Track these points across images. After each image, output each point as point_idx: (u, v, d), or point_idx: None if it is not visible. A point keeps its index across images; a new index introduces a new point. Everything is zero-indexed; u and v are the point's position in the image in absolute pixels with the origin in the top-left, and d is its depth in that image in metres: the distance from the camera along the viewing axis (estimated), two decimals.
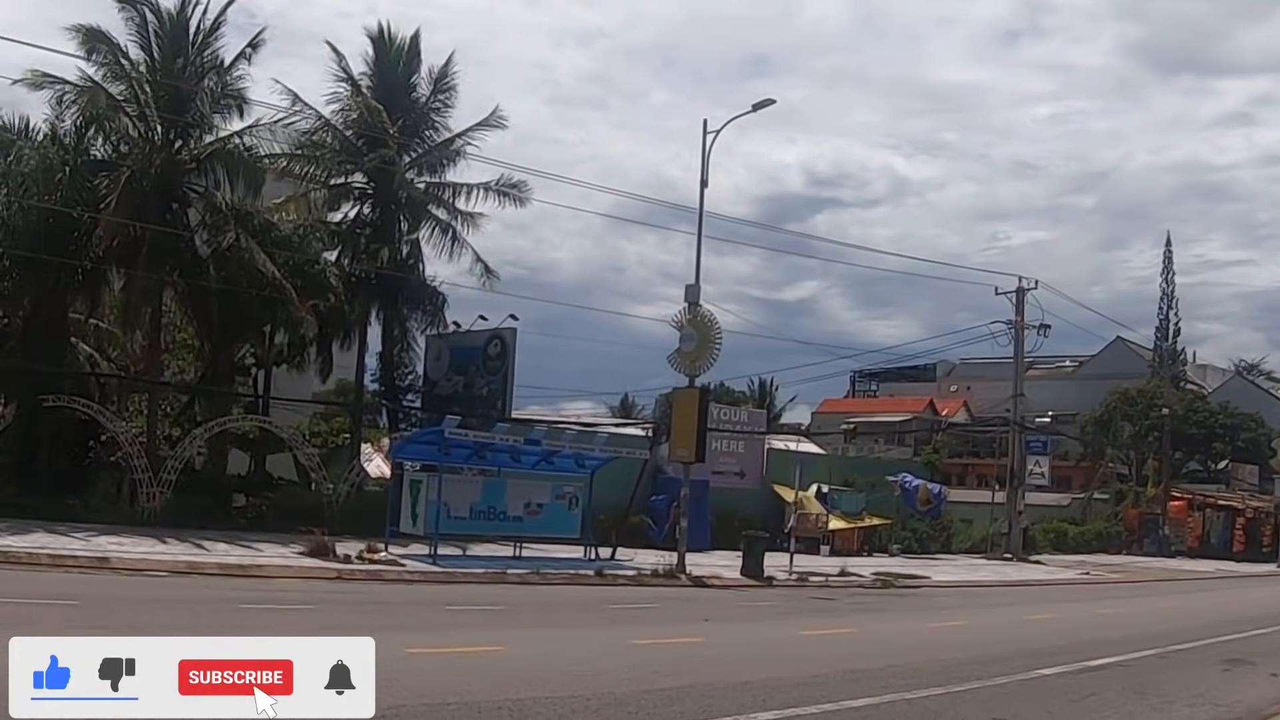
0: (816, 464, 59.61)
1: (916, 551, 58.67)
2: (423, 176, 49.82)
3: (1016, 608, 34.37)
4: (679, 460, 39.19)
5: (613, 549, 40.18)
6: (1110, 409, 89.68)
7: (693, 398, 38.76)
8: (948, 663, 19.25)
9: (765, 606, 30.14)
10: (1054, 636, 25.21)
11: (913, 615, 29.99)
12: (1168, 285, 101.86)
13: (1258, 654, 23.57)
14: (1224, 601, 41.12)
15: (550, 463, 40.11)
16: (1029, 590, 43.63)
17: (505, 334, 48.11)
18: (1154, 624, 30.30)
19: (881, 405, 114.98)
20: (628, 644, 19.33)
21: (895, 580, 40.86)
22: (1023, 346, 62.75)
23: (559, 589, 31.35)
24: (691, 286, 39.98)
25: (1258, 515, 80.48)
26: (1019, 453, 64.05)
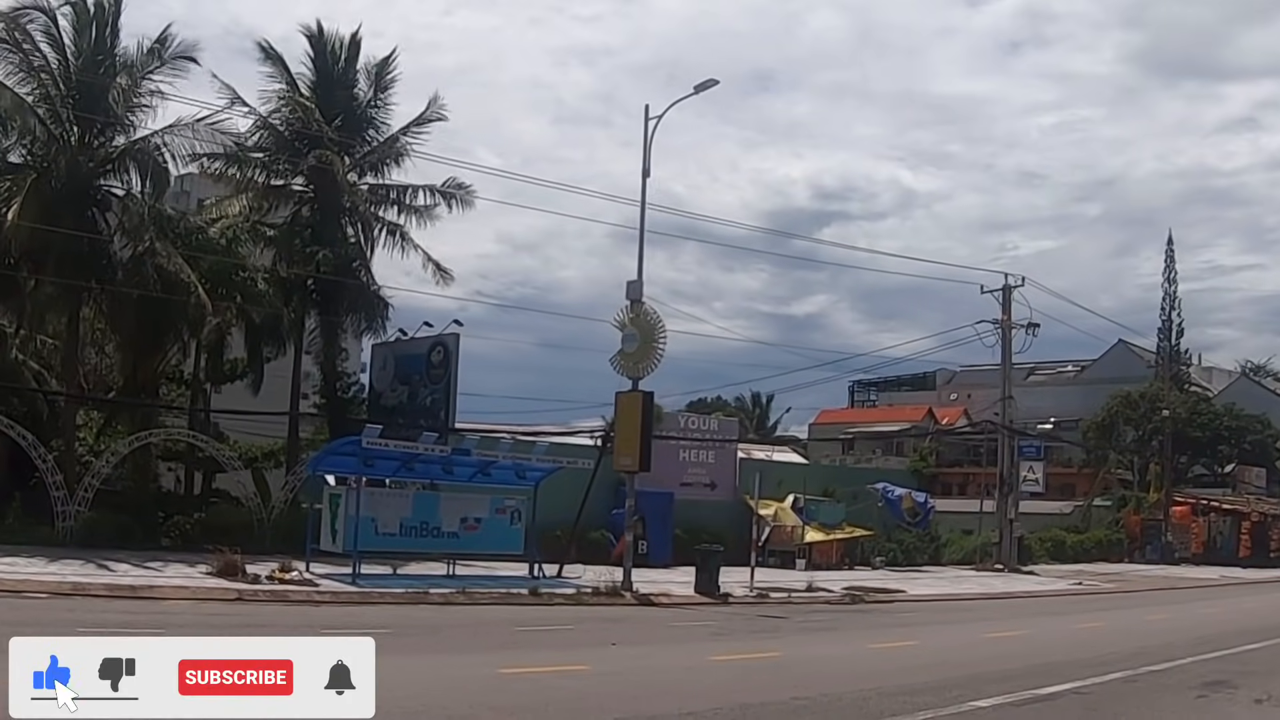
0: (793, 474, 56.85)
1: (902, 564, 55.66)
2: (365, 178, 47.21)
3: (986, 623, 31.40)
4: (622, 469, 36.42)
5: (559, 566, 37.76)
6: (1112, 413, 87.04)
7: (635, 402, 35.81)
8: (868, 692, 16.49)
9: (699, 627, 27.28)
10: (1013, 658, 22.15)
11: (861, 635, 26.90)
12: (1170, 285, 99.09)
13: (1244, 674, 20.54)
14: (1219, 612, 38.22)
15: (488, 474, 37.63)
16: (1011, 603, 40.83)
17: (448, 340, 45.32)
18: (1134, 640, 27.18)
19: (880, 415, 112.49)
20: (495, 673, 16.75)
21: (866, 595, 38.27)
22: (1010, 346, 59.54)
23: (481, 609, 28.80)
24: (633, 283, 37.11)
25: (1265, 519, 78.01)
26: (1009, 458, 60.92)
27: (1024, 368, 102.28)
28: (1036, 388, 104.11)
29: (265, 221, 46.42)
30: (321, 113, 44.90)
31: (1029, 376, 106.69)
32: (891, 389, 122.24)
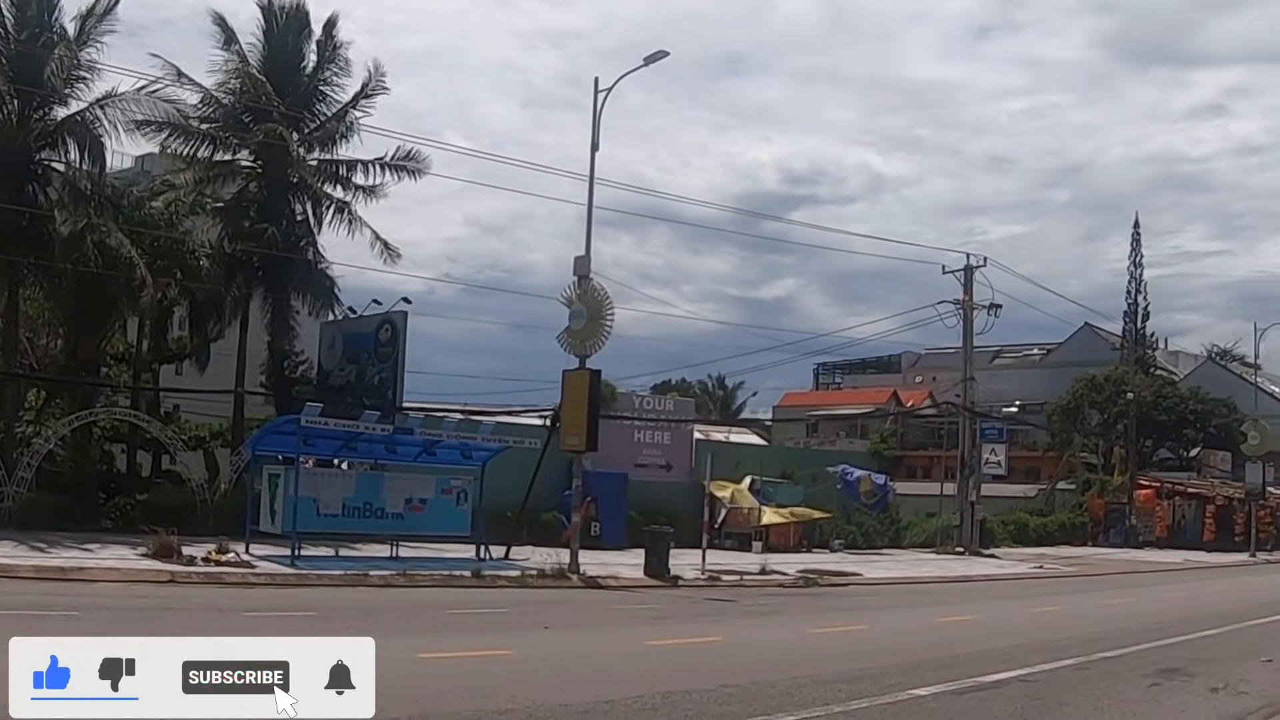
0: (751, 455, 56.07)
1: (862, 547, 54.84)
2: (314, 153, 46.12)
3: (940, 607, 30.46)
4: (569, 449, 35.42)
5: (507, 548, 36.99)
6: (1077, 396, 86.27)
7: (583, 380, 34.85)
8: (803, 680, 15.67)
9: (642, 611, 26.45)
10: (962, 643, 21.33)
11: (808, 619, 26.00)
12: (1136, 269, 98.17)
13: (1201, 661, 19.79)
14: (1180, 596, 37.54)
15: (433, 454, 36.82)
16: (969, 587, 40.00)
17: (395, 318, 44.44)
18: (1090, 625, 26.37)
19: (844, 398, 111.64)
20: (413, 657, 15.65)
21: (820, 578, 37.37)
22: (971, 327, 58.80)
23: (421, 592, 27.97)
24: (580, 259, 36.11)
25: (1229, 503, 77.13)
26: (970, 440, 60.27)
27: (989, 350, 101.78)
28: (1002, 371, 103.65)
29: (212, 197, 45.27)
30: (272, 86, 43.82)
31: (994, 359, 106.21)
32: (856, 372, 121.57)
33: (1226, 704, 15.65)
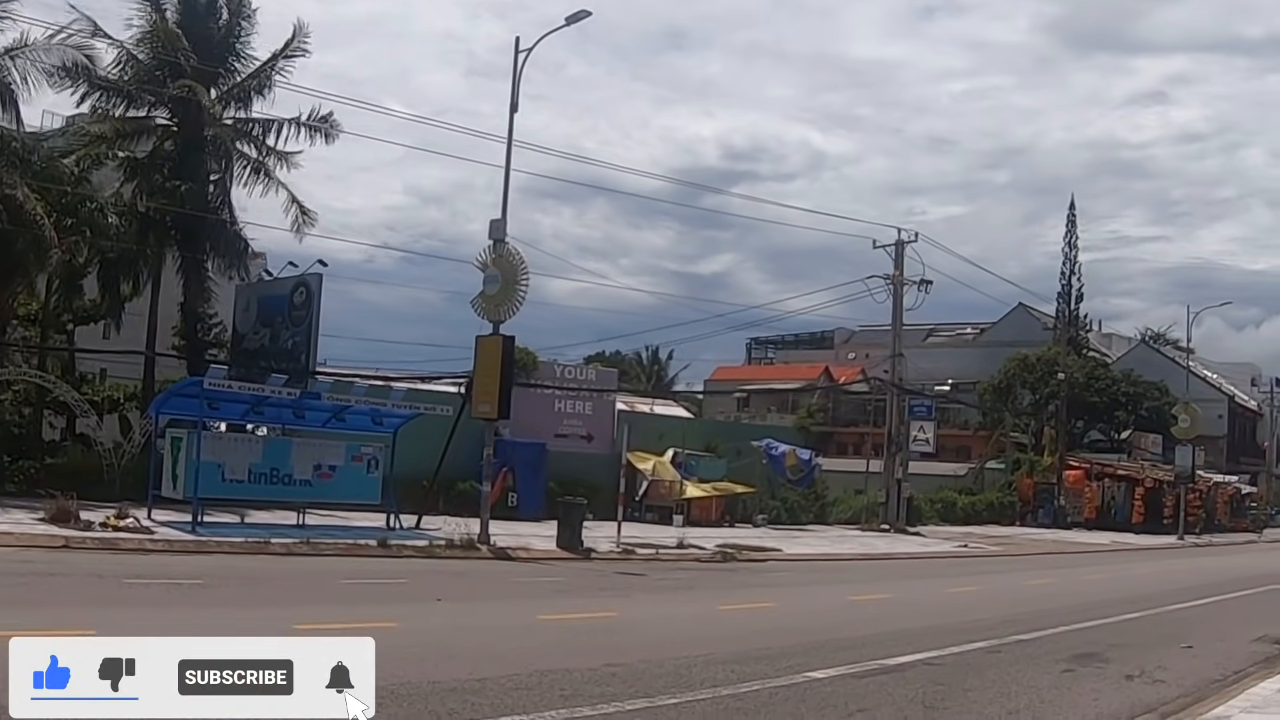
0: (675, 427, 55.12)
1: (786, 523, 54.30)
2: (230, 111, 44.80)
3: (855, 585, 29.77)
4: (481, 416, 34.36)
5: (418, 517, 36.09)
6: (1009, 376, 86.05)
7: (496, 346, 33.85)
8: (695, 659, 14.91)
9: (546, 583, 25.52)
10: (871, 622, 20.62)
11: (716, 595, 25.15)
12: (1071, 250, 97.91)
13: (1119, 645, 19.09)
14: (1103, 578, 36.99)
15: (343, 420, 35.99)
16: (889, 565, 39.37)
17: (310, 280, 43.03)
18: (1007, 606, 25.75)
19: (776, 373, 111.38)
20: (288, 629, 14.45)
21: (738, 553, 36.58)
22: (901, 302, 58.22)
23: (322, 561, 26.98)
24: (496, 222, 35.14)
25: (1158, 486, 77.54)
26: (897, 417, 59.70)
27: (922, 329, 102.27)
28: (935, 349, 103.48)
29: (126, 154, 43.93)
30: (188, 42, 42.38)
31: (928, 338, 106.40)
32: (790, 347, 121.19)
33: (1141, 693, 14.88)
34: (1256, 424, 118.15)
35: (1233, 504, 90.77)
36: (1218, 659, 18.25)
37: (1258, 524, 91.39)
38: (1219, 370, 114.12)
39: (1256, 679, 16.02)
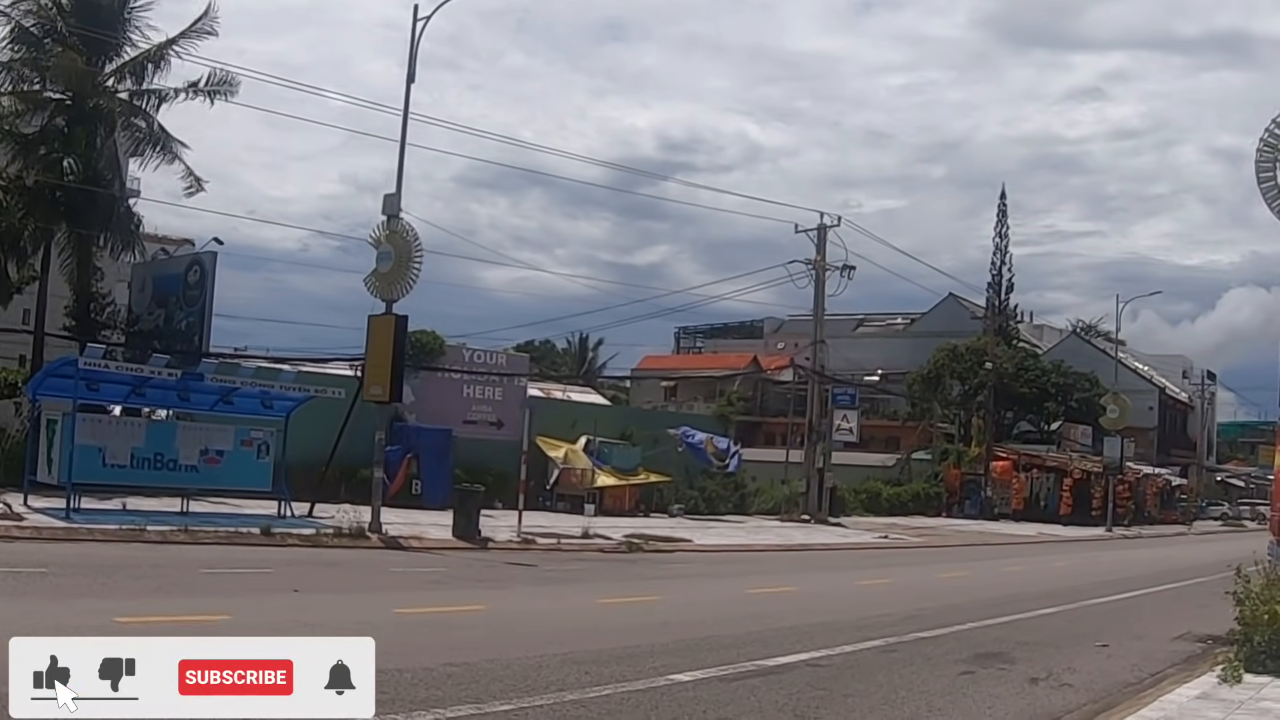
0: (588, 414, 53.44)
1: (704, 512, 52.84)
2: (125, 84, 42.92)
3: (760, 577, 28.32)
4: (372, 399, 32.68)
5: (311, 505, 34.36)
6: (938, 366, 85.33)
7: (388, 326, 32.16)
8: (551, 658, 13.47)
9: (423, 575, 23.91)
10: (764, 618, 19.00)
11: (602, 588, 23.50)
12: (1002, 240, 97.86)
13: (1028, 645, 17.69)
14: (1023, 571, 35.84)
15: (230, 403, 34.08)
16: (802, 556, 37.98)
17: (205, 259, 41.59)
18: (915, 600, 24.22)
19: (704, 362, 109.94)
20: (109, 621, 13.64)
21: (645, 544, 35.14)
22: (823, 287, 56.92)
23: (197, 550, 25.20)
24: (390, 196, 33.44)
25: (1086, 476, 77.37)
26: (819, 406, 58.41)
27: (853, 319, 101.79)
28: (865, 339, 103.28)
29: (14, 127, 41.99)
30: (80, 15, 40.58)
31: (858, 328, 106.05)
32: (718, 336, 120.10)
33: (1044, 699, 13.45)
34: (1188, 416, 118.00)
35: (1163, 496, 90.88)
36: (1134, 659, 16.90)
37: (1188, 516, 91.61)
38: (1150, 362, 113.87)
39: (1173, 683, 14.59)
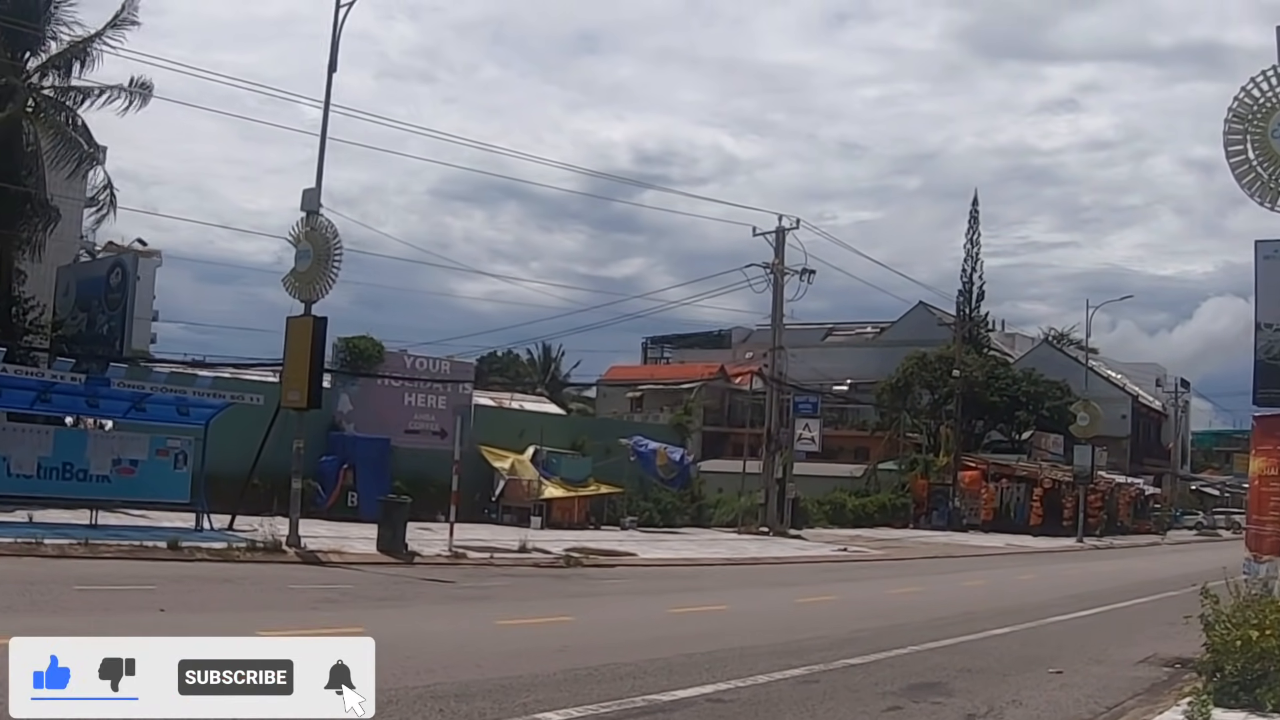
0: (535, 423, 51.54)
1: (659, 525, 51.31)
2: (48, 80, 41.08)
3: (694, 594, 26.55)
4: (290, 405, 30.78)
5: (231, 517, 32.37)
6: (907, 374, 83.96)
7: (306, 328, 30.28)
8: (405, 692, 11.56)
9: (318, 591, 21.84)
10: (679, 642, 17.00)
11: (511, 607, 21.37)
12: (973, 247, 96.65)
13: (970, 671, 15.85)
14: (983, 584, 34.15)
15: (142, 410, 32.38)
16: (750, 570, 36.24)
17: (126, 261, 39.85)
18: (856, 620, 22.31)
19: (671, 372, 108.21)
20: None
21: (585, 558, 33.48)
22: (781, 291, 55.18)
23: (92, 564, 23.46)
24: (310, 192, 31.64)
25: (1057, 486, 76.44)
26: (777, 414, 56.68)
27: (821, 328, 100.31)
28: (834, 348, 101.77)
29: None
30: None
31: (826, 337, 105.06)
32: (686, 346, 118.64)
33: None
34: (1161, 425, 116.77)
35: (1136, 505, 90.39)
36: (1090, 689, 15.03)
37: (1161, 526, 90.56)
38: (1123, 370, 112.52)
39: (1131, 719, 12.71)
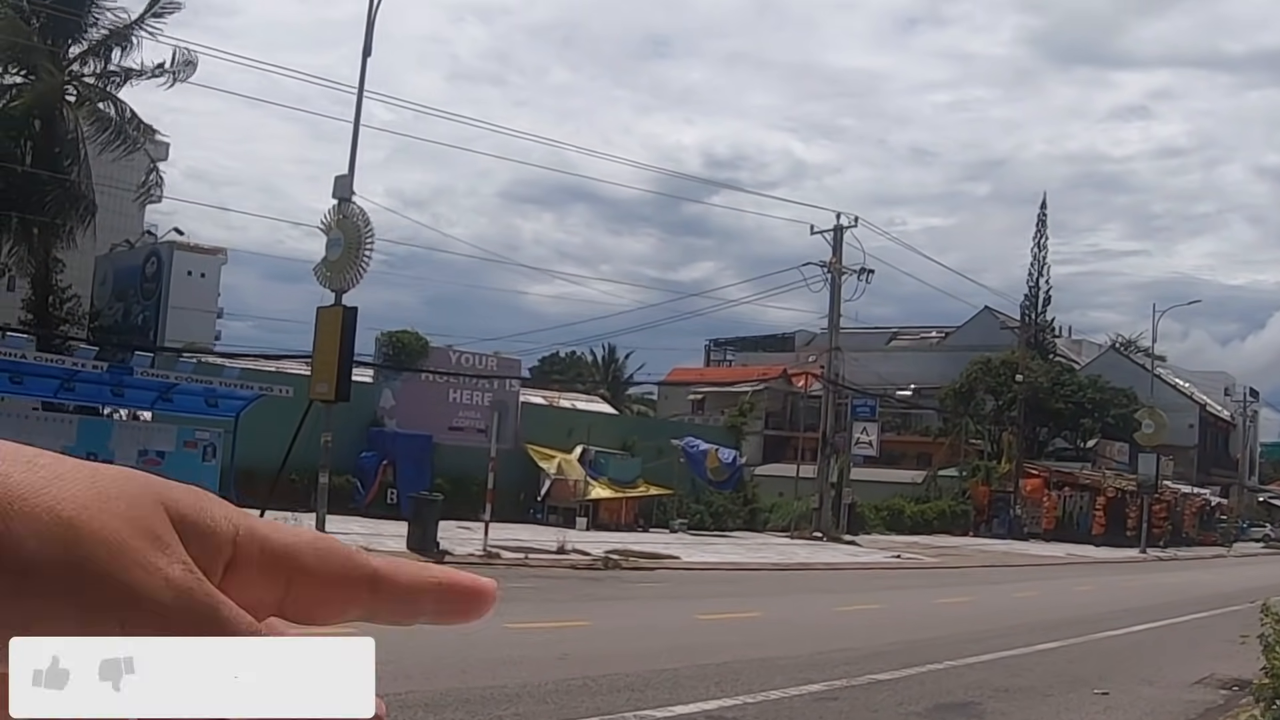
0: (585, 422, 50.36)
1: (710, 528, 49.91)
2: (88, 67, 40.45)
3: (730, 599, 25.31)
4: (318, 398, 29.97)
5: (261, 511, 30.68)
6: (971, 380, 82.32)
7: (335, 319, 29.46)
8: None
9: None
10: (691, 652, 15.86)
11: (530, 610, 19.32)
12: (1040, 251, 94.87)
13: (1007, 691, 14.74)
14: (1035, 595, 32.72)
15: (170, 400, 31.50)
16: (796, 576, 34.89)
17: (161, 250, 38.73)
18: (894, 632, 20.96)
19: (733, 374, 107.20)
20: None
21: (625, 561, 32.25)
22: (840, 291, 54.10)
23: None
24: (342, 178, 30.78)
25: (1120, 495, 74.47)
26: (833, 416, 55.51)
27: (886, 332, 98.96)
28: (898, 353, 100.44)
29: None
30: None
31: (891, 341, 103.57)
32: (749, 349, 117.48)
33: None
34: (1229, 435, 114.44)
35: (1201, 516, 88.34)
36: (1137, 712, 13.96)
37: (1227, 538, 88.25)
38: (1191, 379, 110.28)
39: None
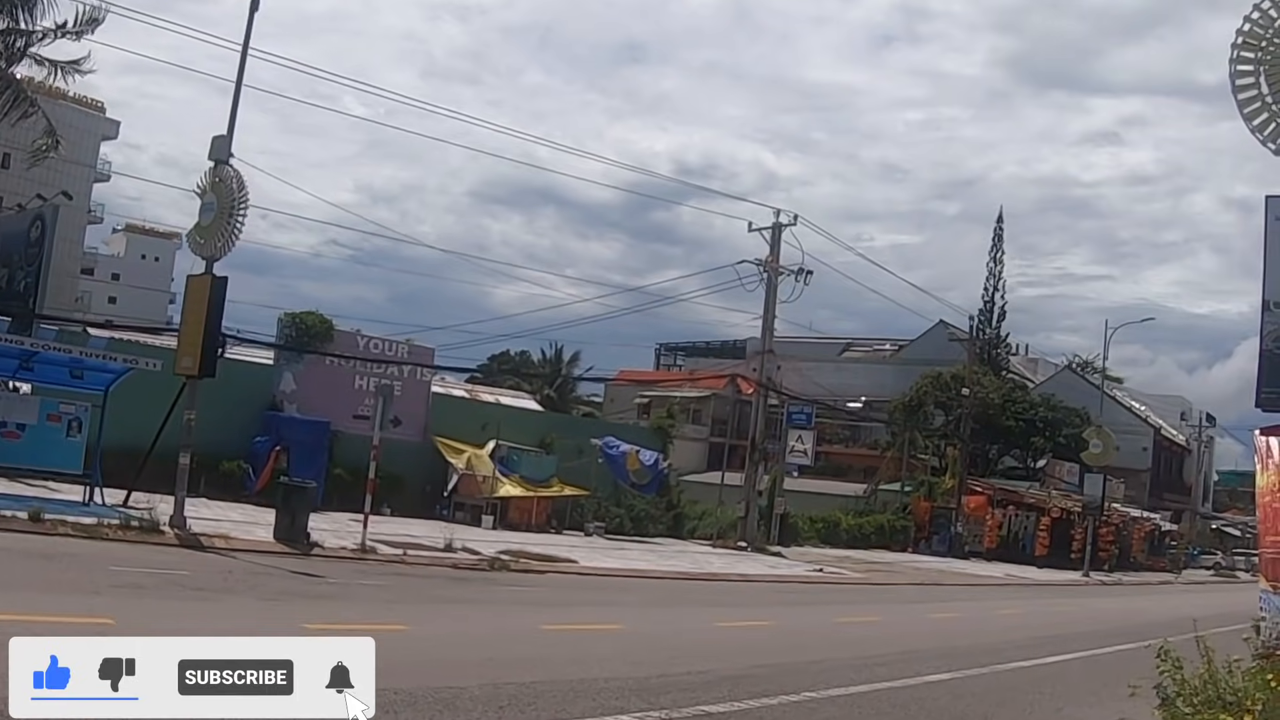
0: (499, 416, 48.11)
1: (629, 532, 48.22)
2: None
3: (599, 609, 23.63)
4: (182, 372, 27.71)
5: (127, 493, 29.27)
6: (920, 393, 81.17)
7: (204, 288, 27.30)
8: None
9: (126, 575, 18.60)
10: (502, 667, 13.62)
11: (344, 609, 18.23)
12: (996, 265, 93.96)
13: None
14: (953, 618, 30.57)
15: (30, 370, 29.59)
16: (696, 587, 33.01)
17: (46, 213, 36.67)
18: (774, 653, 18.56)
19: (680, 379, 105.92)
20: None
21: (514, 562, 30.32)
22: (775, 291, 52.30)
23: None
24: (220, 139, 28.52)
25: (1066, 516, 73.24)
26: (763, 423, 54.35)
27: (839, 343, 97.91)
28: (851, 364, 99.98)
29: None
30: None
31: (843, 352, 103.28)
32: (700, 354, 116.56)
33: None
34: (1184, 459, 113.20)
35: (1151, 541, 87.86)
36: None
37: (1176, 564, 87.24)
38: (1147, 402, 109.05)
39: None
